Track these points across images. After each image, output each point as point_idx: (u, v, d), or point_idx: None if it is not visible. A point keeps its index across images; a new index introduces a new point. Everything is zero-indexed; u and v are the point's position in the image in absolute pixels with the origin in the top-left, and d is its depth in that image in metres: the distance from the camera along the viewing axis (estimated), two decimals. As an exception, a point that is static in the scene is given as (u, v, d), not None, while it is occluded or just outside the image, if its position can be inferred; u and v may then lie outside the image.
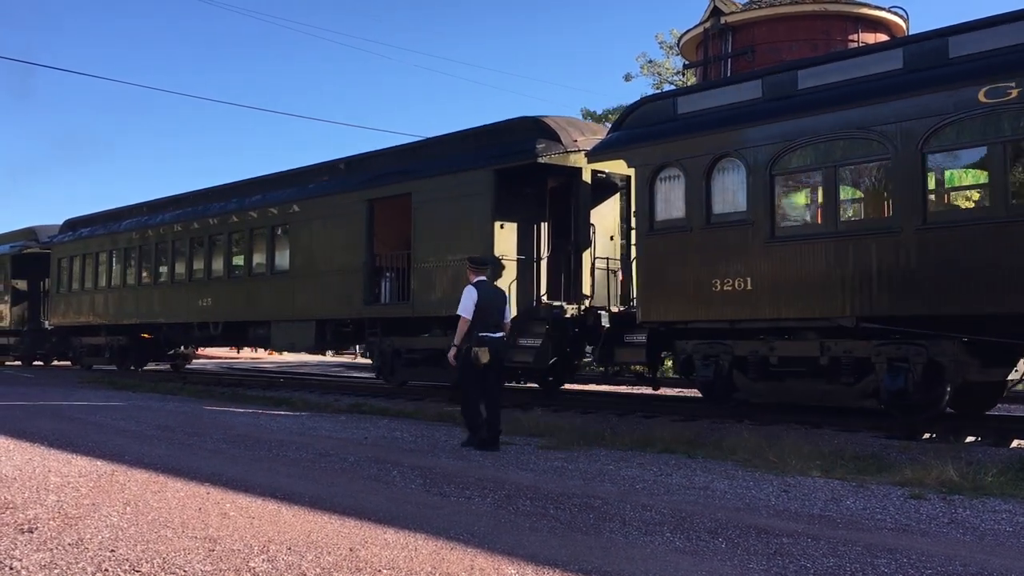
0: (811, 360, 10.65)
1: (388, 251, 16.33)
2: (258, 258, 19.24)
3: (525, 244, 14.16)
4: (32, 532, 5.31)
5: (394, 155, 16.58)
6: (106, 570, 4.52)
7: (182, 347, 25.06)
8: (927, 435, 9.96)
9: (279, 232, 18.50)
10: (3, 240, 30.81)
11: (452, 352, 9.49)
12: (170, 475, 7.34)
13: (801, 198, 11.73)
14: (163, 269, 22.52)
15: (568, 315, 13.67)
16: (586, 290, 14.19)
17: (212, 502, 6.23)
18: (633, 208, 13.34)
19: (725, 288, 11.07)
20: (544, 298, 14.12)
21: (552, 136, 13.77)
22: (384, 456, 8.57)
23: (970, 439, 9.76)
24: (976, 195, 10.31)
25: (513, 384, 15.56)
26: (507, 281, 13.53)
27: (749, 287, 10.86)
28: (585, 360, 16.11)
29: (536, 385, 15.98)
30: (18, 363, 30.04)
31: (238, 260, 20.01)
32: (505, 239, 13.91)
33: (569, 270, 14.57)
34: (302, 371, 28.13)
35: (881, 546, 5.02)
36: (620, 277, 14.97)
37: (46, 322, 28.37)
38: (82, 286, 25.65)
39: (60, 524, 5.52)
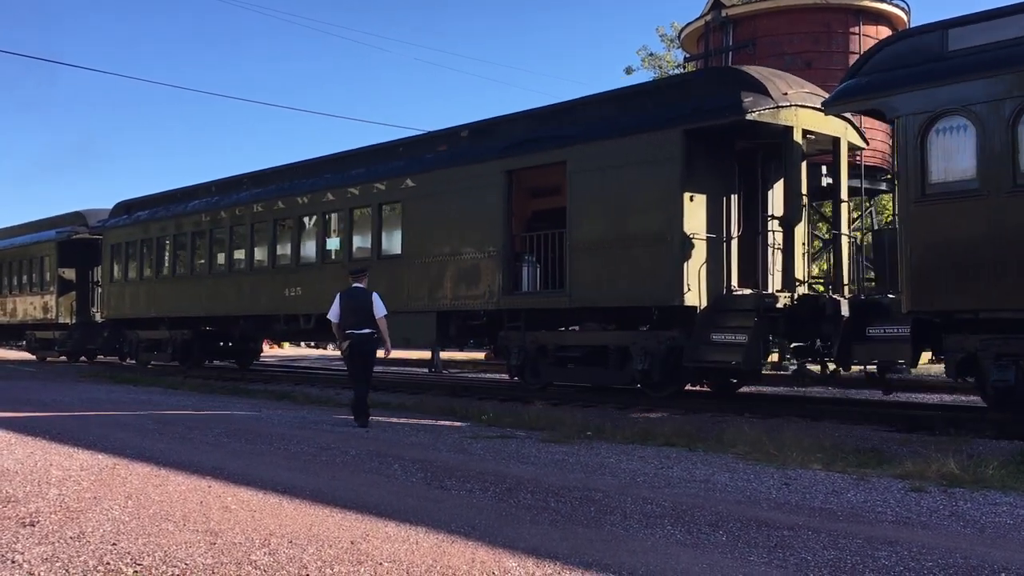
0: None
1: (520, 231, 14.44)
2: (360, 241, 16.87)
3: (715, 220, 12.12)
4: (34, 526, 5.32)
5: (537, 119, 14.27)
6: (108, 563, 4.53)
7: (250, 342, 22.78)
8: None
9: (388, 211, 16.17)
10: (48, 225, 28.28)
11: (339, 347, 11.56)
12: (171, 469, 7.35)
13: None
14: (240, 255, 19.99)
15: (780, 304, 11.41)
16: (799, 274, 11.90)
17: (213, 495, 6.24)
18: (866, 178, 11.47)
19: None
20: (735, 284, 12.36)
21: (757, 88, 11.61)
22: (385, 450, 8.58)
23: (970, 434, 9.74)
24: None
25: (695, 388, 13.72)
26: (696, 264, 11.70)
27: None
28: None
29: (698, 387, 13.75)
30: (63, 359, 28.25)
31: (334, 244, 17.47)
32: (694, 214, 11.80)
33: (761, 250, 12.79)
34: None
35: (882, 539, 5.02)
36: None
37: (96, 314, 26.11)
38: (140, 275, 23.19)
39: (62, 518, 5.52)
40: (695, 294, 11.64)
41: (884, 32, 18.53)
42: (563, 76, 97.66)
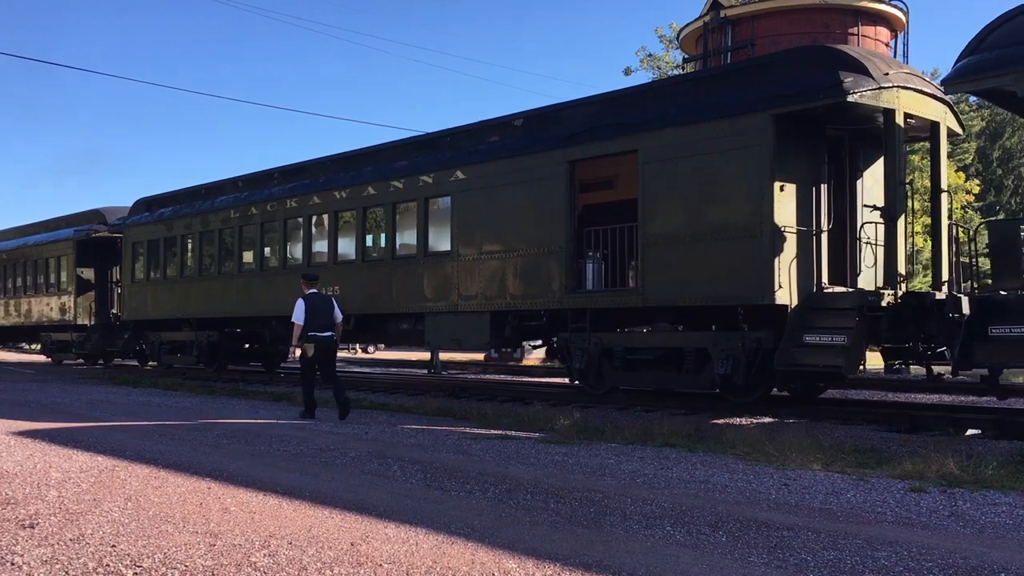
0: None
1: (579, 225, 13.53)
2: (404, 237, 15.95)
3: (805, 212, 11.32)
4: (33, 528, 5.31)
5: (599, 105, 13.32)
6: (107, 565, 4.52)
7: (279, 345, 21.43)
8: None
9: (435, 205, 15.24)
10: (67, 223, 27.13)
11: (291, 349, 12.00)
12: (171, 470, 7.35)
13: None
14: (271, 253, 19.05)
15: (884, 302, 10.49)
16: (901, 269, 11.05)
17: (213, 497, 6.23)
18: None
19: None
20: (825, 281, 11.57)
21: (857, 68, 10.72)
22: (384, 451, 8.57)
23: (971, 432, 9.75)
24: None
25: (782, 393, 12.87)
26: (787, 260, 10.86)
27: None
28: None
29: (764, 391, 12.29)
30: (81, 362, 27.14)
31: (375, 240, 16.67)
32: (784, 205, 10.96)
33: (849, 244, 12.01)
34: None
35: (881, 539, 5.02)
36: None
37: (114, 315, 25.03)
38: (163, 274, 22.13)
39: (61, 520, 5.52)
40: (786, 292, 10.85)
41: (883, 33, 18.57)
42: (563, 77, 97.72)
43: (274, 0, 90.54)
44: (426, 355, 25.03)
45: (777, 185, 10.80)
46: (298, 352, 11.89)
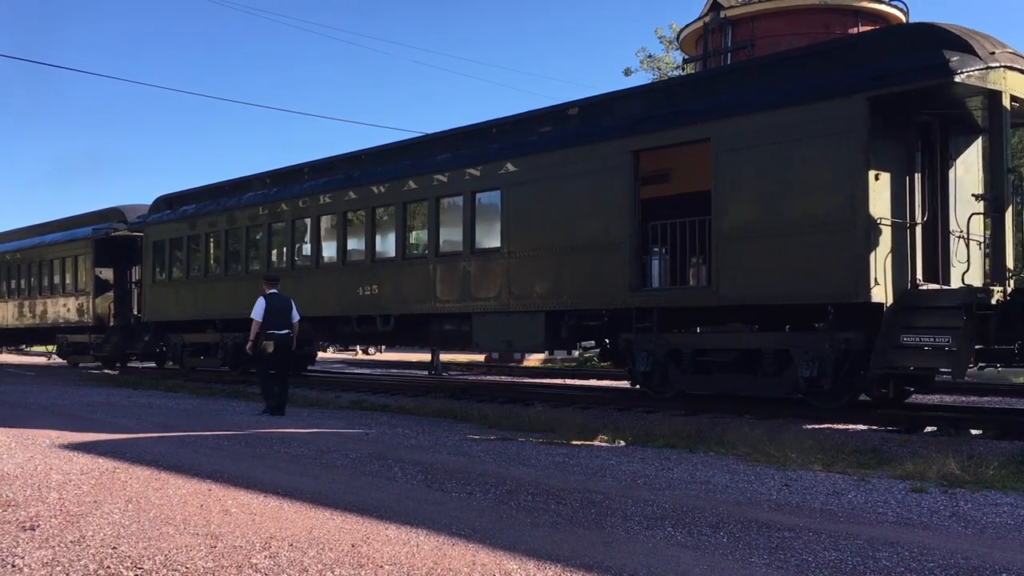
0: None
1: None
2: (449, 233, 15.16)
3: (898, 203, 10.56)
4: (34, 530, 5.31)
5: (665, 91, 12.72)
6: (108, 567, 4.52)
7: (305, 346, 20.89)
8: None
9: (483, 199, 14.46)
10: (84, 222, 26.24)
11: (249, 345, 12.60)
12: (171, 472, 7.35)
13: None
14: (303, 251, 18.37)
15: (993, 300, 9.61)
16: (1010, 263, 10.17)
17: (214, 499, 6.23)
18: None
19: None
20: (920, 277, 10.84)
21: (961, 46, 9.86)
22: (385, 452, 8.57)
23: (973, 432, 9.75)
24: None
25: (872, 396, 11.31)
26: (882, 255, 10.09)
27: None
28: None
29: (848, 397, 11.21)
30: (99, 364, 26.08)
31: (417, 237, 15.86)
32: (879, 196, 10.16)
33: (941, 237, 11.27)
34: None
35: (883, 539, 5.01)
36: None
37: (134, 316, 24.22)
38: (186, 273, 21.34)
39: (62, 522, 5.52)
40: (882, 289, 10.09)
41: (883, 33, 18.54)
42: (563, 79, 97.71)
43: (275, 1, 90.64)
44: (427, 356, 25.01)
45: (872, 174, 10.03)
46: (267, 348, 12.43)
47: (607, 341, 13.88)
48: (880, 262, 10.09)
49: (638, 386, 13.01)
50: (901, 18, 19.45)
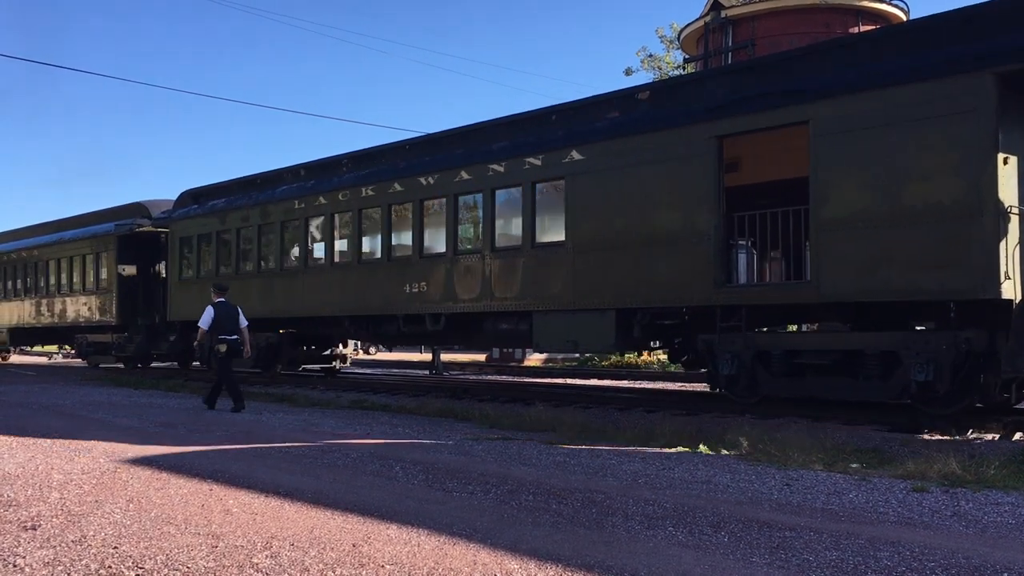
0: None
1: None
2: (506, 226, 14.30)
3: None
4: (35, 529, 5.31)
5: (749, 72, 11.74)
6: (109, 567, 4.52)
7: (339, 346, 20.60)
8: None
9: (544, 190, 13.62)
10: (105, 217, 25.14)
11: (196, 346, 14.50)
12: (172, 472, 7.35)
13: None
14: (343, 246, 17.45)
15: None
16: None
17: (215, 499, 6.23)
18: None
19: None
20: None
21: None
22: (386, 452, 8.57)
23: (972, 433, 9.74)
24: None
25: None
26: (1011, 246, 9.20)
27: None
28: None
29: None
30: (121, 366, 25.02)
31: (470, 230, 14.98)
32: (1008, 181, 9.23)
33: None
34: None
35: (884, 539, 5.01)
36: None
37: (158, 315, 23.10)
38: (215, 270, 20.24)
39: (63, 521, 5.52)
40: (1012, 285, 9.22)
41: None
42: (562, 78, 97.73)
43: (266, 1, 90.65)
44: (427, 356, 25.00)
45: (1000, 157, 9.10)
46: (220, 349, 13.43)
47: (675, 341, 13.10)
48: (1010, 254, 9.19)
49: (719, 390, 12.07)
50: (902, 17, 19.47)
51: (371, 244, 16.77)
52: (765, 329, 12.05)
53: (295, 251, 18.36)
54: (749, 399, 11.63)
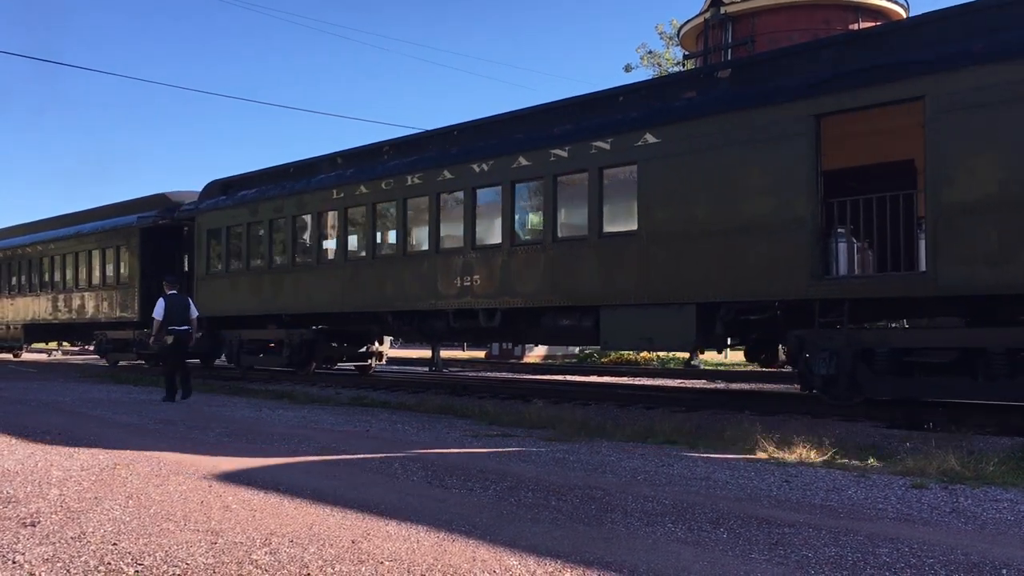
0: None
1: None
2: (569, 215, 13.39)
3: None
4: (34, 526, 5.32)
5: (850, 44, 10.84)
6: (109, 563, 4.52)
7: (375, 343, 19.98)
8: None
9: (614, 176, 12.72)
10: (127, 209, 24.27)
11: (152, 339, 14.87)
12: (171, 468, 7.35)
13: None
14: (387, 238, 16.57)
15: None
16: None
17: (214, 495, 6.23)
18: None
19: None
20: None
21: None
22: (386, 449, 8.57)
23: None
24: None
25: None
26: None
27: None
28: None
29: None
30: (142, 363, 24.08)
31: (529, 220, 14.21)
32: None
33: None
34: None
35: (883, 535, 5.01)
36: None
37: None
38: (246, 264, 19.35)
39: (62, 518, 5.52)
40: None
41: (884, 28, 18.52)
42: (562, 75, 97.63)
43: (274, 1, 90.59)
44: (427, 352, 25.00)
45: None
46: (167, 340, 14.31)
47: (754, 337, 12.31)
48: None
49: (813, 391, 11.15)
50: (901, 13, 19.44)
51: (418, 235, 15.94)
52: (867, 326, 11.33)
53: (332, 243, 17.55)
54: (849, 401, 10.78)
